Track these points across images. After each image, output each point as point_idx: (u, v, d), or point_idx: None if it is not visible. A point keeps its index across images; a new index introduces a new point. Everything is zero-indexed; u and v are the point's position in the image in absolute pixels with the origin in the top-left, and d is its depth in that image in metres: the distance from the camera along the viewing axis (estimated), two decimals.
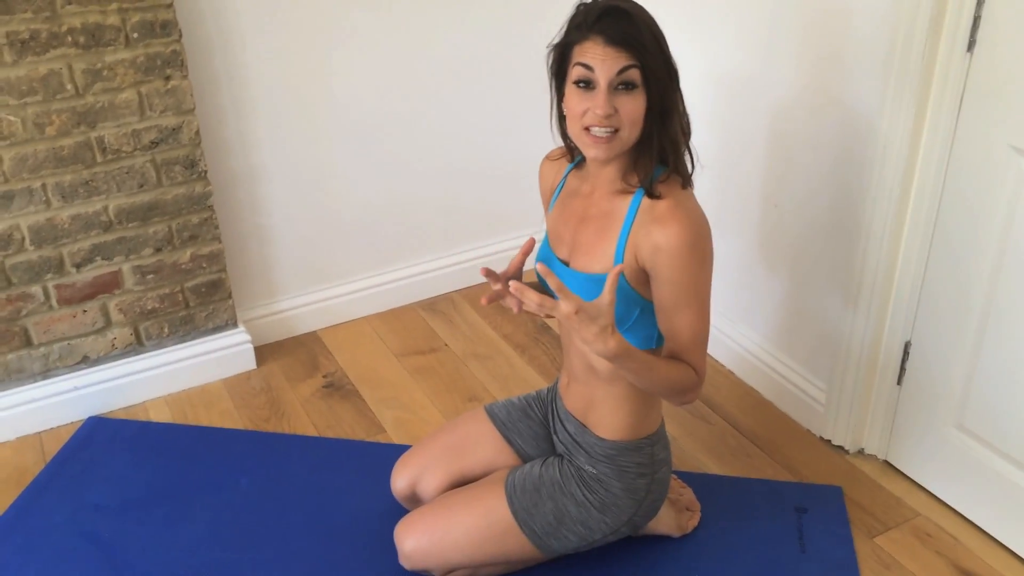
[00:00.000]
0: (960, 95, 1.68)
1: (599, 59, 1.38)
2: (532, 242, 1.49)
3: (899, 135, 1.76)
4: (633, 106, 1.40)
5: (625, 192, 1.49)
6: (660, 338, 1.55)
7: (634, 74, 1.38)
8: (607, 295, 1.32)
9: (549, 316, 1.33)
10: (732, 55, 2.12)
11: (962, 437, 1.87)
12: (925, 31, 1.66)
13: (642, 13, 1.41)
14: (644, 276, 1.48)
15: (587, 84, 1.40)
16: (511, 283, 1.33)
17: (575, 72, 1.41)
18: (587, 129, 1.42)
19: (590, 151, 1.45)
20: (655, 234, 1.43)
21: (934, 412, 1.91)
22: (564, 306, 1.30)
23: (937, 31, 1.66)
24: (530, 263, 1.50)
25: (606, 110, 1.39)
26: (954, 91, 1.68)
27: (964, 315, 1.79)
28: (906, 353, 1.94)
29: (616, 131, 1.41)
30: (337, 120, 2.41)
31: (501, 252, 2.78)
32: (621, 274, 1.46)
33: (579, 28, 1.41)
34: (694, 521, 1.86)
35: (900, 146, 1.76)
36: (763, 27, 2.02)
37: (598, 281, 1.49)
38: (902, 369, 1.95)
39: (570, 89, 1.43)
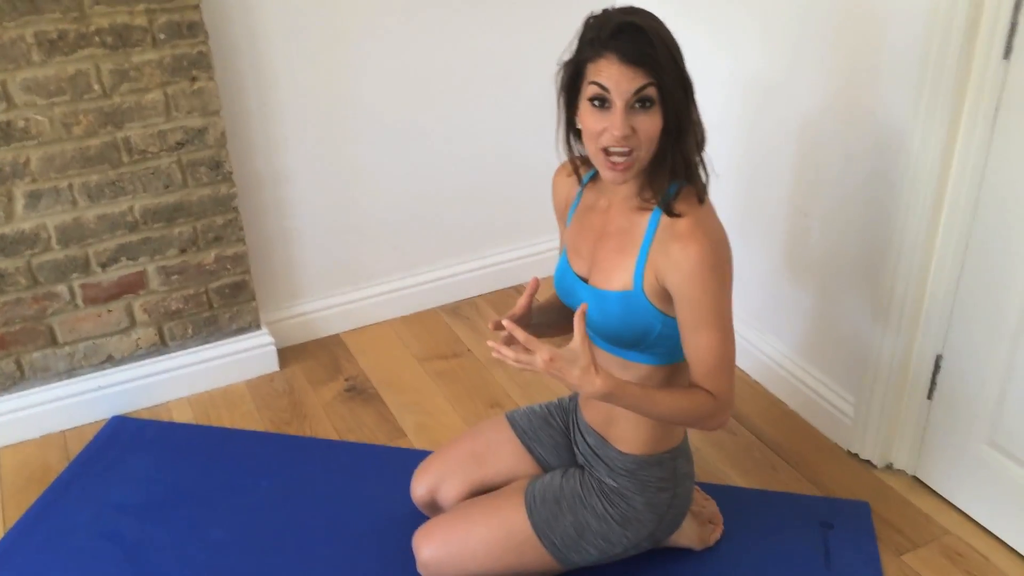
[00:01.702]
0: (996, 103, 1.64)
1: (615, 79, 1.34)
2: (536, 283, 1.49)
3: (933, 144, 1.72)
4: (650, 124, 1.37)
5: (643, 209, 1.47)
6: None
7: (651, 92, 1.35)
8: (577, 336, 1.34)
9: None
10: (760, 60, 2.08)
11: (994, 454, 1.82)
12: (960, 37, 1.62)
13: (657, 27, 1.36)
14: (664, 292, 1.45)
15: (602, 103, 1.37)
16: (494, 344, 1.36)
17: (590, 90, 1.37)
18: (605, 150, 1.39)
19: (607, 174, 1.42)
20: (674, 253, 1.40)
21: (966, 428, 1.86)
22: (538, 356, 1.34)
23: (972, 37, 1.62)
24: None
25: (624, 131, 1.35)
26: (990, 99, 1.64)
27: (998, 329, 1.74)
28: (937, 367, 1.89)
29: (632, 152, 1.38)
30: (363, 123, 2.41)
31: (526, 257, 2.76)
32: (641, 292, 1.45)
33: (592, 44, 1.37)
34: (716, 534, 1.83)
35: (933, 156, 1.73)
36: (792, 32, 1.99)
37: (616, 299, 1.47)
38: (933, 383, 1.91)
39: (584, 107, 1.40)
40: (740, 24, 2.10)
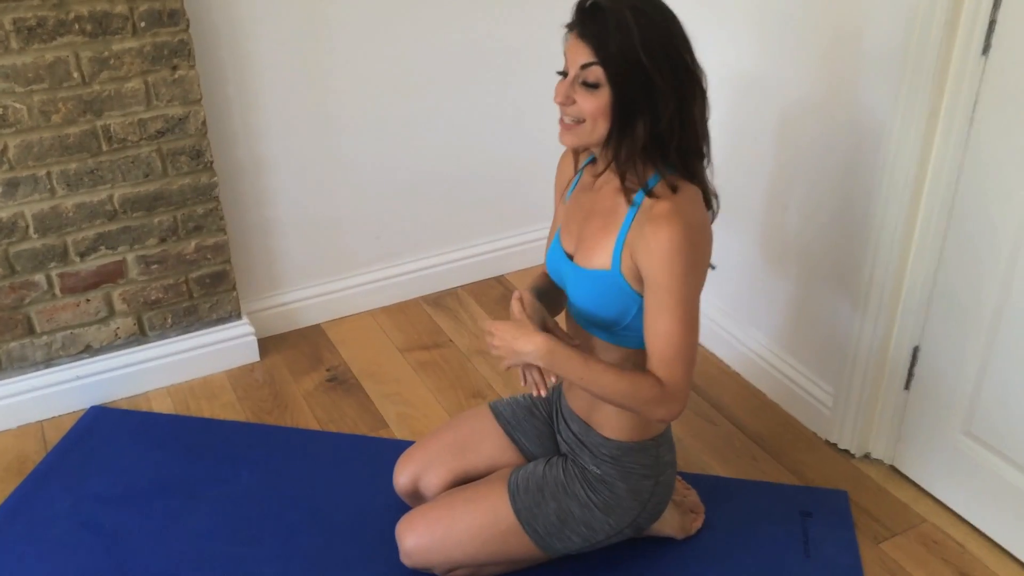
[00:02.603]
0: (974, 98, 1.66)
1: (571, 51, 1.42)
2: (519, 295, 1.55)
3: (911, 138, 1.74)
4: (589, 103, 1.41)
5: (629, 191, 1.48)
6: None
7: (595, 72, 1.38)
8: (513, 306, 1.51)
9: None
10: (742, 55, 2.10)
11: (970, 443, 1.85)
12: (939, 33, 1.64)
13: (627, 14, 1.35)
14: (640, 273, 1.46)
15: (564, 74, 1.45)
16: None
17: (563, 59, 1.46)
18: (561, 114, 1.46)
19: (560, 138, 1.49)
20: (647, 235, 1.41)
21: (942, 418, 1.89)
22: (486, 328, 1.50)
23: (952, 33, 1.64)
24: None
25: (560, 98, 1.43)
26: (968, 94, 1.66)
27: (975, 320, 1.77)
28: (915, 357, 1.92)
29: (576, 122, 1.44)
30: (344, 112, 2.40)
31: (508, 248, 2.77)
32: (619, 272, 1.46)
33: (572, 16, 1.43)
34: (698, 523, 1.85)
35: (912, 149, 1.75)
36: (774, 27, 2.00)
37: (598, 277, 1.49)
38: (910, 374, 1.94)
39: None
40: (721, 17, 2.11)
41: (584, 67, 1.39)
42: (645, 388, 1.43)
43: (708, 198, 1.52)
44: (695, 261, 1.42)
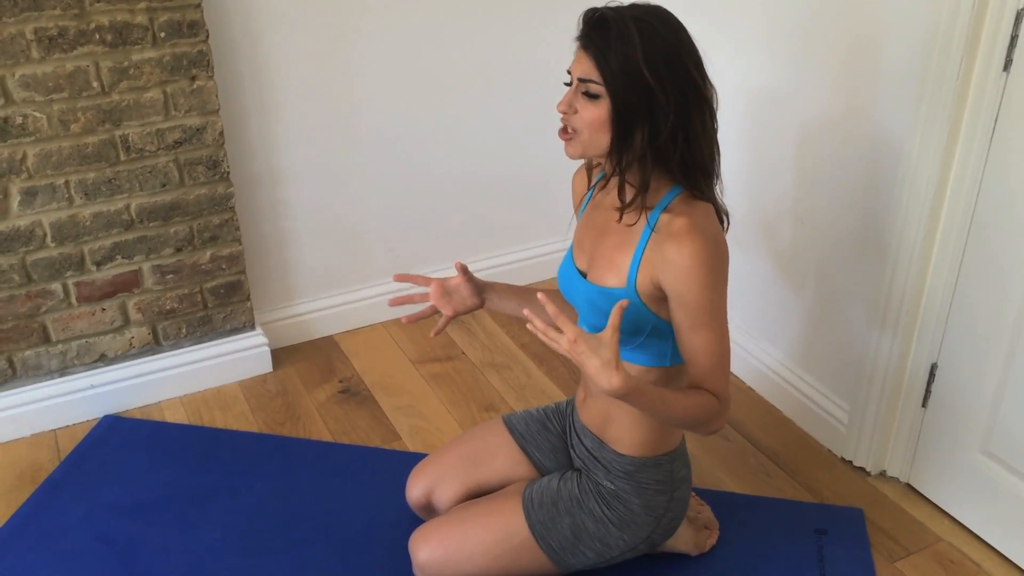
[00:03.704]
0: (995, 115, 1.65)
1: (575, 60, 1.43)
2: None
3: (931, 155, 1.73)
4: (589, 113, 1.41)
5: (644, 209, 1.47)
6: (673, 355, 1.53)
7: (594, 86, 1.39)
8: (608, 329, 1.32)
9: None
10: (761, 70, 2.10)
11: (988, 462, 1.83)
12: (960, 49, 1.63)
13: (630, 28, 1.35)
14: (658, 293, 1.45)
15: (569, 84, 1.45)
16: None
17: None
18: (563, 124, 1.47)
19: (565, 149, 1.49)
20: (670, 252, 1.40)
21: (960, 436, 1.87)
22: (565, 336, 1.32)
23: (973, 50, 1.63)
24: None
25: (563, 107, 1.43)
26: (989, 111, 1.66)
27: (993, 338, 1.76)
28: (932, 375, 1.90)
29: (573, 132, 1.45)
30: (361, 124, 2.41)
31: (523, 260, 2.76)
32: (634, 292, 1.45)
33: (578, 27, 1.44)
34: (712, 540, 1.84)
35: (931, 166, 1.74)
36: (795, 41, 2.00)
37: (610, 295, 1.48)
38: (928, 391, 1.92)
39: None
40: (742, 34, 2.11)
41: (583, 79, 1.40)
42: (709, 405, 1.44)
43: (720, 216, 1.51)
44: (720, 272, 1.43)
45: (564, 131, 1.47)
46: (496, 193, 2.67)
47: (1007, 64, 1.61)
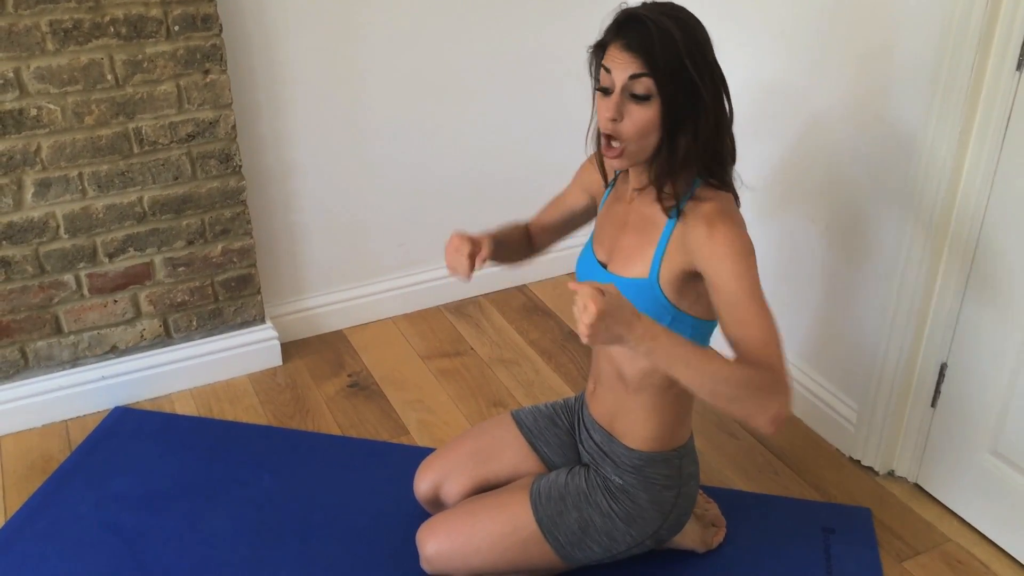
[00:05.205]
0: (1008, 114, 1.65)
1: (615, 63, 1.38)
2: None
3: (943, 154, 1.73)
4: (640, 116, 1.38)
5: (667, 200, 1.47)
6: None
7: (646, 83, 1.36)
8: (610, 287, 1.28)
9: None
10: (775, 66, 2.09)
11: (996, 463, 1.83)
12: (974, 48, 1.63)
13: (670, 25, 1.35)
14: (680, 285, 1.46)
15: (606, 92, 1.41)
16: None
17: (601, 78, 1.42)
18: (607, 138, 1.42)
19: (608, 161, 1.46)
20: (701, 237, 1.39)
21: (969, 436, 1.87)
22: (585, 288, 1.26)
23: (986, 49, 1.63)
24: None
25: (611, 113, 1.38)
26: (1001, 110, 1.65)
27: (1003, 338, 1.75)
28: (942, 375, 1.90)
29: (620, 143, 1.41)
30: (372, 119, 2.41)
31: None
32: (656, 282, 1.45)
33: (608, 31, 1.41)
34: (719, 537, 1.84)
35: (944, 164, 1.73)
36: (808, 37, 2.00)
37: (633, 285, 1.48)
38: (937, 391, 1.92)
39: (597, 97, 1.44)
40: (756, 30, 2.11)
41: (633, 77, 1.36)
42: (760, 373, 1.31)
43: (737, 204, 1.52)
44: (752, 254, 1.41)
45: (609, 145, 1.42)
46: (507, 188, 2.67)
47: (1020, 63, 1.61)
